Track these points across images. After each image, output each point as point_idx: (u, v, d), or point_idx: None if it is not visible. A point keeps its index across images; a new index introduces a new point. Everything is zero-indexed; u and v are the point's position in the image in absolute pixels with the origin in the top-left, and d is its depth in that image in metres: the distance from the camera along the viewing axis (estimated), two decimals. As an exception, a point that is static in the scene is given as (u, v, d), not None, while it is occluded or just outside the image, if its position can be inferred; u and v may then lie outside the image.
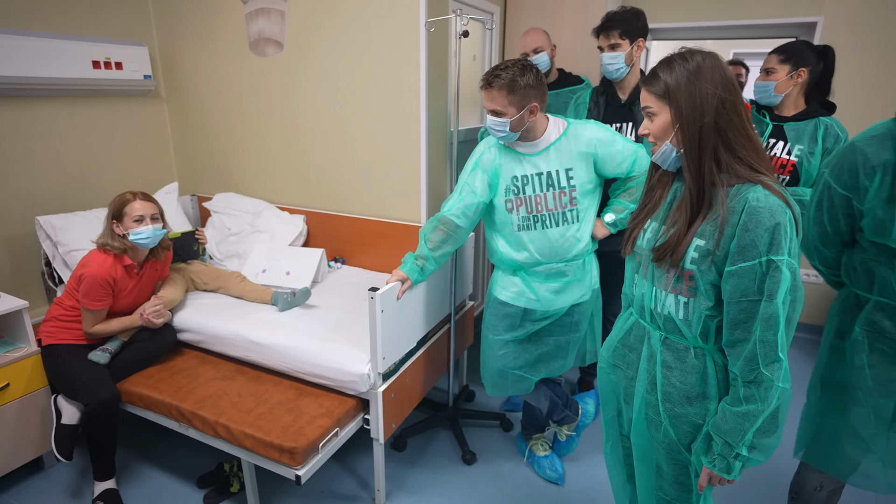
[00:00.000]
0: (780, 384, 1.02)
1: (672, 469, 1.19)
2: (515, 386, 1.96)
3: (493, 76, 1.67)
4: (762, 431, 1.04)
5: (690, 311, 1.10)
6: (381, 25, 2.34)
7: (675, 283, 1.10)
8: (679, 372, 1.14)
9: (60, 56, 2.42)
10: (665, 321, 1.15)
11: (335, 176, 2.69)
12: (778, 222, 0.97)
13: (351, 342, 1.90)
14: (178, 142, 3.10)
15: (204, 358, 2.12)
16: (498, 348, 1.92)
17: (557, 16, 2.95)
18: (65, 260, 2.35)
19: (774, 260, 0.97)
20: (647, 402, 1.20)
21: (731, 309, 1.03)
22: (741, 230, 0.99)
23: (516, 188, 1.78)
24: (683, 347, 1.14)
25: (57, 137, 2.54)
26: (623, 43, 2.06)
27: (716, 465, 1.09)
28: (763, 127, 2.05)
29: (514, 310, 1.89)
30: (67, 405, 1.93)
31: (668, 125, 1.07)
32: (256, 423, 1.71)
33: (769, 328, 0.99)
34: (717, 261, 1.03)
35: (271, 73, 2.68)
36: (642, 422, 1.22)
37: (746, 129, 1.03)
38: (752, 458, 1.06)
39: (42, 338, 2.02)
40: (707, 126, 1.02)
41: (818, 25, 2.92)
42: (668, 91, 1.05)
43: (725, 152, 1.03)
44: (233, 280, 2.33)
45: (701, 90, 1.01)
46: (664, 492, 1.23)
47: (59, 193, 2.57)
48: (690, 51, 1.05)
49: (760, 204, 0.98)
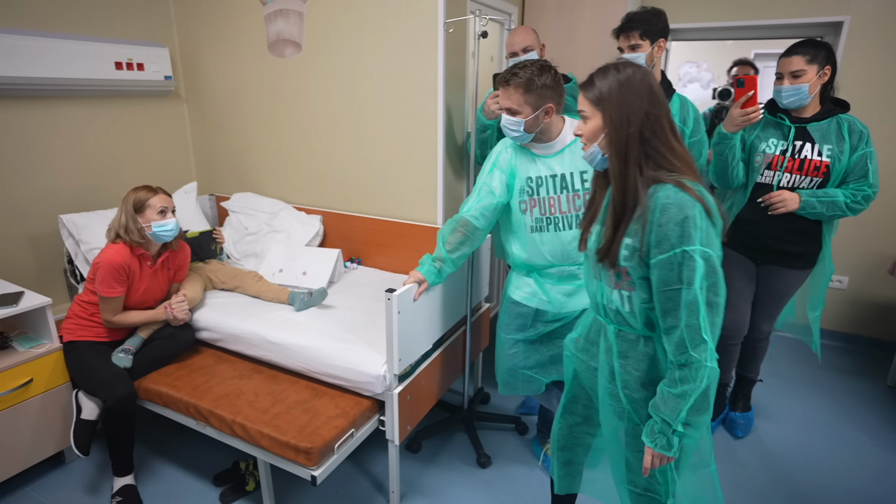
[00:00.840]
0: (709, 364, 1.10)
1: (638, 458, 1.27)
2: (525, 386, 1.97)
3: (511, 74, 1.67)
4: (695, 409, 1.13)
5: (633, 304, 1.20)
6: (399, 26, 2.34)
7: (617, 279, 1.21)
8: (633, 360, 1.24)
9: (84, 57, 2.46)
10: (616, 315, 1.25)
11: (352, 176, 2.70)
12: (686, 215, 1.07)
13: (367, 343, 1.89)
14: (197, 142, 3.14)
15: (221, 357, 2.13)
16: (509, 347, 1.95)
17: (576, 16, 2.92)
18: (86, 258, 2.39)
19: (687, 250, 1.07)
20: (609, 392, 1.29)
21: (659, 298, 1.13)
22: (656, 226, 1.09)
23: (530, 189, 1.78)
24: (634, 337, 1.24)
25: (80, 137, 2.59)
26: (643, 44, 2.03)
27: (657, 443, 1.17)
28: (785, 130, 2.00)
29: (526, 310, 1.90)
30: (87, 401, 1.96)
31: (599, 129, 1.17)
32: (273, 422, 1.71)
33: (692, 313, 1.09)
34: (643, 256, 1.13)
35: (290, 73, 2.70)
36: (608, 413, 1.31)
37: (668, 140, 1.13)
38: (687, 435, 1.15)
39: (63, 334, 2.05)
40: (632, 135, 1.12)
41: (844, 25, 2.86)
42: (601, 98, 1.14)
43: (647, 160, 1.13)
44: (250, 279, 2.35)
45: (629, 102, 1.11)
46: (634, 484, 1.31)
47: (82, 192, 2.61)
48: (625, 63, 1.15)
49: (670, 200, 1.08)
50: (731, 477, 2.13)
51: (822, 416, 2.55)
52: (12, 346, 2.02)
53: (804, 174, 1.99)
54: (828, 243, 2.09)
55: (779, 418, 2.53)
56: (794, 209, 1.99)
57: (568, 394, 1.51)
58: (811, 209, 1.97)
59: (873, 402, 2.67)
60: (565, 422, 1.53)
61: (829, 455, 2.27)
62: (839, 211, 1.96)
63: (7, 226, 2.36)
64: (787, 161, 1.99)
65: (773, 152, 2.01)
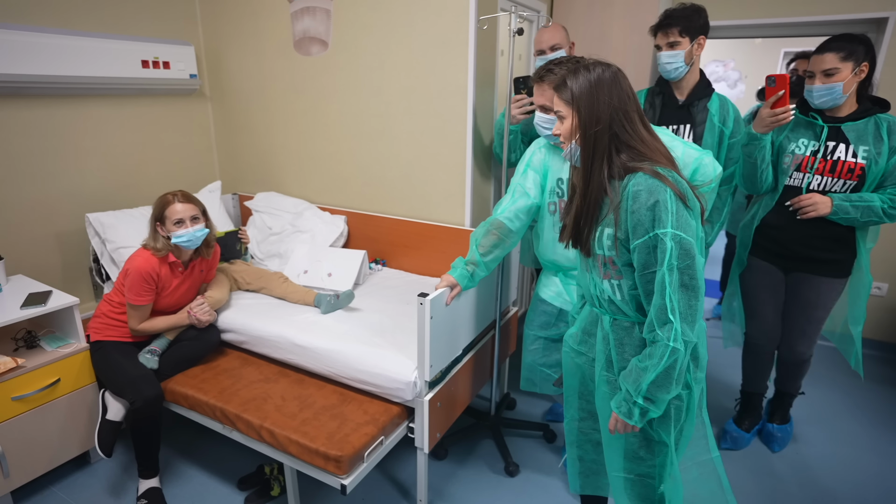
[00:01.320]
0: (672, 343, 1.13)
1: (633, 443, 1.30)
2: (543, 384, 2.01)
3: (546, 71, 1.64)
4: (656, 385, 1.16)
5: (623, 292, 1.24)
6: (429, 23, 2.29)
7: (605, 269, 1.25)
8: (629, 347, 1.27)
9: (112, 56, 2.45)
10: (609, 304, 1.29)
11: (378, 176, 2.66)
12: (657, 200, 1.11)
13: (396, 348, 1.85)
14: (221, 141, 3.12)
15: (247, 359, 2.10)
16: (530, 342, 2.00)
17: (607, 14, 2.85)
18: (112, 257, 2.38)
19: (659, 233, 1.11)
20: (606, 379, 1.32)
21: (641, 281, 1.18)
22: (630, 213, 1.14)
23: (560, 191, 1.76)
24: (629, 324, 1.27)
25: (106, 136, 2.58)
26: (683, 41, 1.96)
27: (620, 409, 1.22)
28: (817, 130, 1.89)
29: (550, 308, 1.94)
30: (113, 401, 1.94)
31: (574, 128, 1.21)
32: (301, 428, 1.67)
33: (661, 293, 1.13)
34: (622, 243, 1.18)
35: (316, 72, 2.66)
36: (604, 400, 1.33)
37: (639, 132, 1.18)
38: (648, 409, 1.19)
39: (90, 334, 2.04)
40: (601, 132, 1.16)
41: (889, 22, 2.75)
42: (573, 98, 1.18)
43: (617, 153, 1.17)
44: (275, 281, 2.32)
45: (599, 100, 1.16)
46: (628, 470, 1.34)
47: (108, 191, 2.61)
48: (595, 62, 1.20)
49: (640, 187, 1.13)
50: (768, 493, 2.05)
51: (863, 429, 2.45)
52: (40, 345, 2.02)
53: (837, 176, 1.87)
54: (864, 252, 1.96)
55: (818, 431, 2.43)
56: (826, 213, 1.87)
57: (568, 389, 1.51)
58: (844, 214, 1.85)
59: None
60: (570, 417, 1.53)
61: (872, 471, 2.18)
62: (875, 217, 1.83)
63: (35, 224, 2.36)
64: (819, 162, 1.88)
65: (804, 153, 1.91)
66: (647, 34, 2.74)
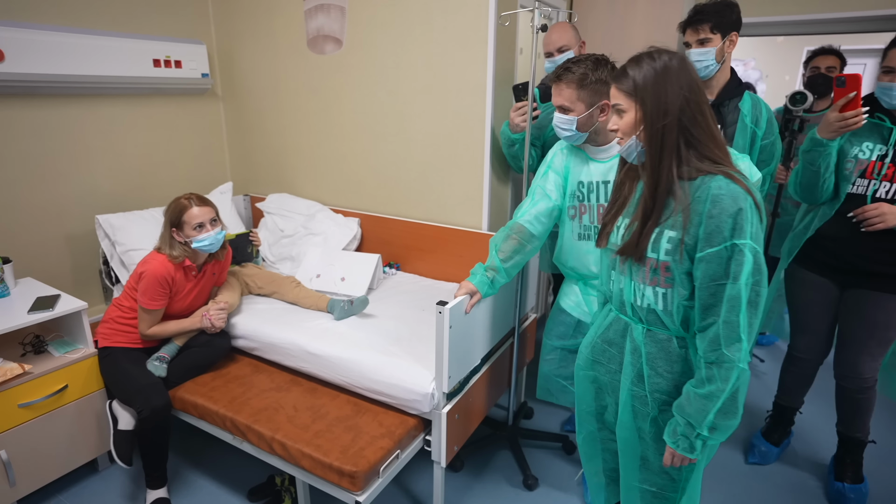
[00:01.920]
0: (741, 365, 1.05)
1: (659, 459, 1.23)
2: (559, 395, 1.94)
3: (564, 69, 1.57)
4: (723, 412, 1.07)
5: (669, 302, 1.15)
6: (447, 21, 2.22)
7: (653, 275, 1.15)
8: (664, 362, 1.18)
9: (123, 54, 2.41)
10: (647, 313, 1.19)
11: (393, 178, 2.59)
12: (740, 208, 1.02)
13: (413, 357, 1.78)
14: (233, 141, 3.07)
15: (258, 366, 2.04)
16: (547, 352, 1.93)
17: (629, 11, 2.76)
18: (122, 259, 2.34)
19: (738, 244, 1.02)
20: (633, 394, 1.24)
21: (702, 294, 1.08)
22: (707, 217, 1.04)
23: (581, 195, 1.69)
24: (666, 338, 1.18)
25: (117, 136, 2.54)
26: (714, 38, 1.87)
27: (679, 445, 1.13)
28: (884, 132, 1.74)
29: (569, 318, 1.87)
30: (122, 411, 1.89)
31: (636, 122, 1.11)
32: (314, 441, 1.61)
33: (732, 309, 1.04)
34: (687, 249, 1.08)
35: (330, 71, 2.60)
36: (629, 415, 1.25)
37: (710, 127, 1.08)
38: (711, 438, 1.09)
39: (99, 339, 1.99)
40: (670, 125, 1.06)
41: (926, 18, 2.63)
42: (636, 89, 1.09)
43: (687, 149, 1.07)
44: (287, 285, 2.26)
45: (667, 90, 1.06)
46: (650, 483, 1.27)
47: (118, 192, 2.57)
48: (658, 50, 1.10)
49: (723, 192, 1.03)
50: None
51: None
52: (48, 350, 1.97)
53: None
54: None
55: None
56: (895, 225, 1.70)
57: (581, 404, 1.45)
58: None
59: None
60: (585, 430, 1.46)
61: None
62: None
63: (44, 226, 2.32)
64: (887, 168, 1.71)
65: (869, 158, 1.75)
66: (670, 31, 2.66)
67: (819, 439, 2.33)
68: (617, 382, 1.30)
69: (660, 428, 1.21)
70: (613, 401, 1.34)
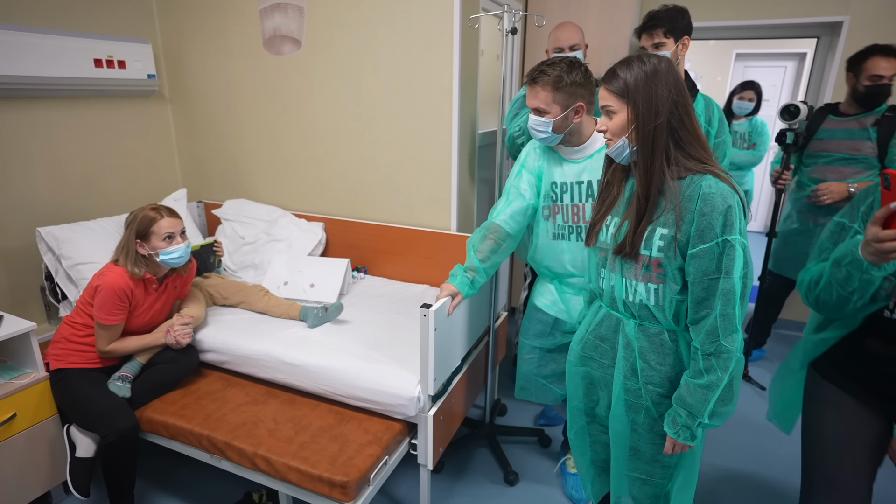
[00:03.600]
0: (737, 354, 1.12)
1: (650, 448, 1.29)
2: (539, 394, 1.94)
3: (539, 72, 1.59)
4: (721, 400, 1.13)
5: (661, 297, 1.18)
6: (412, 22, 2.21)
7: (645, 271, 1.18)
8: (656, 355, 1.23)
9: (61, 54, 2.24)
10: (640, 309, 1.23)
11: (357, 181, 2.55)
12: (729, 205, 1.07)
13: (396, 361, 1.76)
14: (184, 145, 2.92)
15: (230, 380, 1.96)
16: (526, 352, 1.93)
17: (582, 13, 2.85)
18: (69, 274, 2.17)
19: (729, 239, 1.07)
20: (626, 388, 1.27)
21: (695, 288, 1.13)
22: (699, 215, 1.09)
23: (554, 195, 1.72)
24: (657, 332, 1.23)
25: (57, 141, 2.35)
26: (668, 42, 1.97)
27: (680, 434, 1.18)
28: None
29: (545, 317, 1.87)
30: (82, 437, 1.76)
31: (626, 123, 1.14)
32: (300, 453, 1.56)
33: (728, 302, 1.10)
34: (680, 246, 1.13)
35: (289, 72, 2.53)
36: (622, 408, 1.29)
37: (695, 128, 1.13)
38: (711, 424, 1.15)
39: (50, 361, 1.84)
40: (660, 126, 1.10)
41: (844, 25, 2.88)
42: (628, 91, 1.12)
43: (675, 149, 1.12)
44: (255, 294, 2.18)
45: (657, 92, 1.10)
46: (640, 471, 1.32)
47: (60, 202, 2.38)
48: (647, 54, 1.14)
49: (713, 190, 1.08)
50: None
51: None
52: (-9, 377, 1.80)
53: None
54: None
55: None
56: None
57: (573, 399, 1.47)
58: None
59: None
60: (577, 425, 1.49)
61: None
62: None
63: (-23, 241, 2.12)
64: None
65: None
66: (623, 34, 2.79)
67: None
68: (610, 377, 1.33)
69: (653, 419, 1.26)
70: (606, 395, 1.37)
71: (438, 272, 2.45)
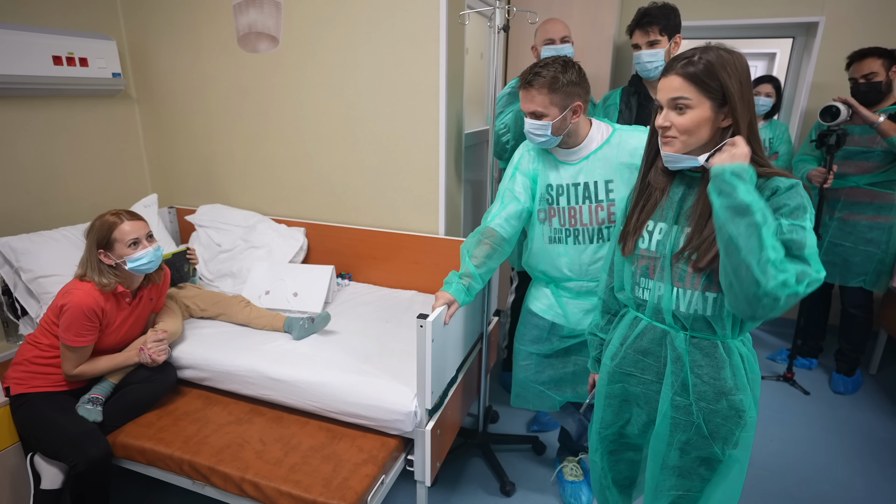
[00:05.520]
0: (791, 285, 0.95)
1: (695, 465, 1.21)
2: (536, 401, 1.88)
3: (533, 74, 1.52)
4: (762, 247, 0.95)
5: (720, 306, 1.11)
6: (395, 19, 2.13)
7: (705, 280, 1.10)
8: (710, 369, 1.14)
9: (17, 50, 2.07)
10: (694, 320, 1.14)
11: (339, 184, 2.45)
12: (802, 197, 1.01)
13: (389, 374, 1.68)
14: (152, 148, 2.76)
15: (210, 398, 1.84)
16: (522, 358, 1.87)
17: (566, 12, 2.81)
18: (29, 288, 2.01)
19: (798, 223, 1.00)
20: (675, 405, 1.19)
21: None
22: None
23: (550, 197, 1.66)
24: (711, 344, 1.15)
25: (12, 145, 2.18)
26: (662, 39, 1.95)
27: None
28: None
29: (542, 322, 1.80)
30: (48, 466, 1.62)
31: (705, 121, 1.04)
32: (291, 476, 1.46)
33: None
34: None
35: (265, 70, 2.41)
36: (666, 427, 1.21)
37: (755, 125, 1.05)
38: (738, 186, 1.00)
39: (10, 385, 1.69)
40: (752, 124, 1.03)
41: (819, 26, 2.93)
42: (722, 83, 1.01)
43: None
44: (236, 305, 2.06)
45: (742, 84, 1.01)
46: (680, 487, 1.23)
47: (16, 210, 2.20)
48: (718, 44, 1.04)
49: (783, 184, 1.02)
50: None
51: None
52: (-57, 404, 1.64)
53: None
54: None
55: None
56: None
57: (602, 422, 1.38)
58: None
59: None
60: (602, 448, 1.41)
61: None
62: None
63: (-76, 254, 1.94)
64: None
65: None
66: (606, 33, 2.76)
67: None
68: (651, 393, 1.25)
69: (703, 437, 1.17)
70: (643, 412, 1.28)
71: (426, 277, 2.37)
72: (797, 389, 2.74)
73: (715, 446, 1.17)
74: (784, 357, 2.95)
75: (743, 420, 1.15)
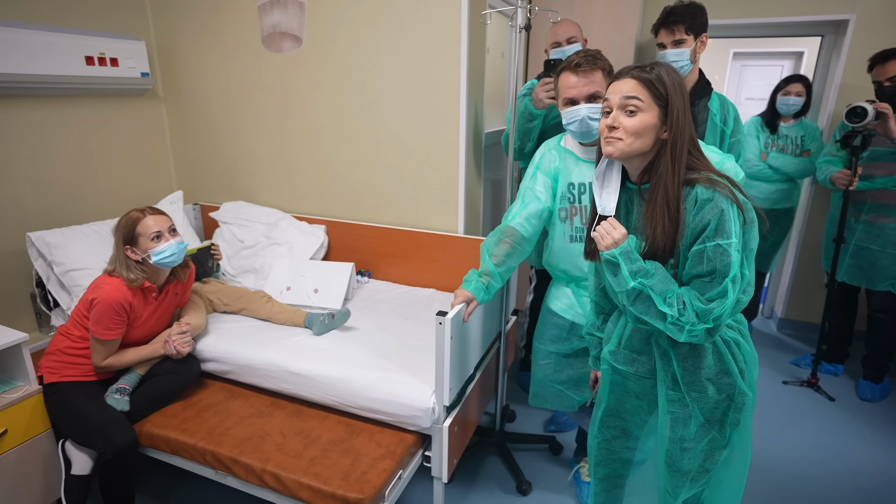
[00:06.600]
0: (706, 324, 1.07)
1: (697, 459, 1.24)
2: (554, 400, 1.88)
3: (592, 57, 1.52)
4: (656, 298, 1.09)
5: None
6: (417, 18, 2.14)
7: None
8: (694, 359, 1.18)
9: (50, 51, 2.14)
10: None
11: (360, 182, 2.48)
12: (722, 210, 1.04)
13: (408, 371, 1.70)
14: (178, 146, 2.83)
15: (232, 391, 1.88)
16: (541, 357, 1.86)
17: (587, 11, 2.80)
18: (61, 281, 2.08)
19: (721, 244, 1.05)
20: (670, 400, 1.23)
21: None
22: (695, 220, 1.07)
23: (572, 196, 1.66)
24: None
25: (45, 142, 2.26)
26: (688, 39, 1.93)
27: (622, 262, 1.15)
28: None
29: (562, 321, 1.81)
30: (78, 453, 1.67)
31: (651, 127, 1.08)
32: (311, 469, 1.49)
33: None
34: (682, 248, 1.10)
35: (289, 70, 2.45)
36: (665, 424, 1.25)
37: (695, 137, 1.12)
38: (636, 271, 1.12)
39: (44, 374, 1.75)
40: (693, 138, 1.10)
41: (850, 24, 2.86)
42: (668, 94, 1.06)
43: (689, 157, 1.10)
44: (258, 300, 2.10)
45: (684, 100, 1.08)
46: (678, 484, 1.28)
47: (48, 206, 2.28)
48: (659, 62, 1.12)
49: (705, 197, 1.06)
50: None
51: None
52: (-20, 391, 1.71)
53: None
54: None
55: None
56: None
57: (605, 410, 1.42)
58: None
59: None
60: (602, 437, 1.46)
61: (866, 459, 2.21)
62: None
63: (-37, 247, 2.02)
64: None
65: None
66: (628, 32, 2.74)
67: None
68: (647, 388, 1.31)
69: (701, 424, 1.22)
70: (643, 407, 1.33)
71: (445, 275, 2.39)
72: (822, 395, 2.68)
73: (713, 430, 1.21)
74: (808, 362, 2.89)
75: (735, 402, 1.19)
